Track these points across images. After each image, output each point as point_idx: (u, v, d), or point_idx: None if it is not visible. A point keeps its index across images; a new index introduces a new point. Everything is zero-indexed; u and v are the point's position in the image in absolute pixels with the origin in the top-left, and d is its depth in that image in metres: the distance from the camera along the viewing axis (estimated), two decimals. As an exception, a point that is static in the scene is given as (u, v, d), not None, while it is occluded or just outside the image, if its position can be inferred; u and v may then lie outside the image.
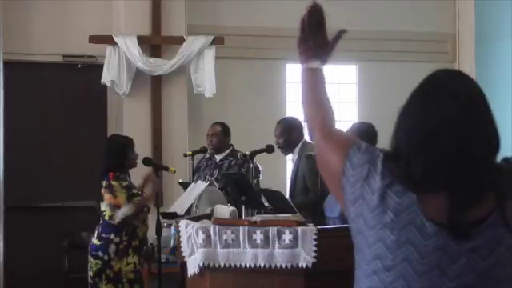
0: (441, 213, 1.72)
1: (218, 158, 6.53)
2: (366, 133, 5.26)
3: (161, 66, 7.51)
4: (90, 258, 5.59)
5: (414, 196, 1.74)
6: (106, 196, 5.52)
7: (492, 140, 1.78)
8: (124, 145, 5.73)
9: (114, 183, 5.53)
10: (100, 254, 5.53)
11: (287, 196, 5.92)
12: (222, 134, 6.57)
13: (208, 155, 6.61)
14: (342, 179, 1.83)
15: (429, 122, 1.76)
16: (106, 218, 5.58)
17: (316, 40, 2.06)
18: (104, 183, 5.55)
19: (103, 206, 5.60)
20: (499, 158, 1.82)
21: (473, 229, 1.72)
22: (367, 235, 1.78)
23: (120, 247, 5.54)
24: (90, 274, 5.59)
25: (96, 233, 5.62)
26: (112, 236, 5.54)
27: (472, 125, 1.75)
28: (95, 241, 5.59)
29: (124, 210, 5.49)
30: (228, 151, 6.55)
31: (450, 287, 1.72)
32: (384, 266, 1.76)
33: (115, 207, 5.51)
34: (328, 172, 1.91)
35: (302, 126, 6.33)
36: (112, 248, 5.53)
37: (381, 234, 1.76)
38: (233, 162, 6.41)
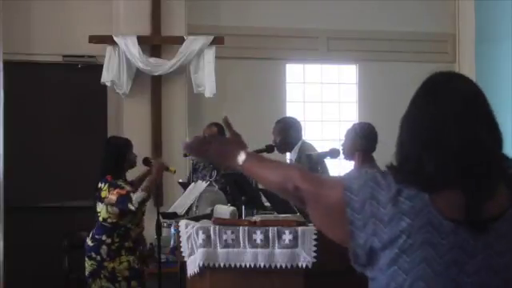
0: (456, 210, 1.74)
1: (216, 158, 6.52)
2: (367, 133, 5.25)
3: (161, 65, 7.50)
4: (86, 259, 5.61)
5: (426, 197, 1.75)
6: (114, 192, 5.48)
7: (496, 133, 1.82)
8: (123, 147, 5.73)
9: (115, 181, 5.54)
10: (93, 254, 5.56)
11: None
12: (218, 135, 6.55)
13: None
14: (346, 211, 1.81)
15: (434, 118, 1.79)
16: (101, 219, 5.59)
17: (222, 143, 2.11)
18: (103, 186, 5.55)
19: (99, 207, 5.60)
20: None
21: (489, 224, 1.74)
22: (385, 248, 1.78)
23: (112, 248, 5.55)
24: (86, 273, 5.62)
25: (91, 234, 5.64)
26: (104, 237, 5.56)
27: (476, 118, 1.79)
28: (89, 241, 5.62)
29: (140, 195, 5.48)
30: (225, 151, 6.53)
31: (468, 282, 1.73)
32: (402, 269, 1.76)
33: (127, 197, 5.49)
34: (329, 212, 1.87)
35: (300, 126, 6.35)
36: (104, 249, 5.54)
37: (397, 241, 1.76)
38: (232, 162, 6.40)
